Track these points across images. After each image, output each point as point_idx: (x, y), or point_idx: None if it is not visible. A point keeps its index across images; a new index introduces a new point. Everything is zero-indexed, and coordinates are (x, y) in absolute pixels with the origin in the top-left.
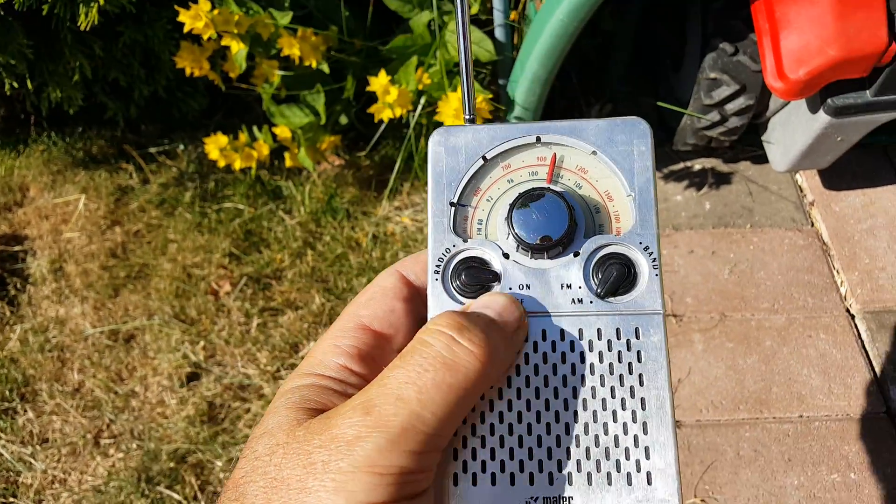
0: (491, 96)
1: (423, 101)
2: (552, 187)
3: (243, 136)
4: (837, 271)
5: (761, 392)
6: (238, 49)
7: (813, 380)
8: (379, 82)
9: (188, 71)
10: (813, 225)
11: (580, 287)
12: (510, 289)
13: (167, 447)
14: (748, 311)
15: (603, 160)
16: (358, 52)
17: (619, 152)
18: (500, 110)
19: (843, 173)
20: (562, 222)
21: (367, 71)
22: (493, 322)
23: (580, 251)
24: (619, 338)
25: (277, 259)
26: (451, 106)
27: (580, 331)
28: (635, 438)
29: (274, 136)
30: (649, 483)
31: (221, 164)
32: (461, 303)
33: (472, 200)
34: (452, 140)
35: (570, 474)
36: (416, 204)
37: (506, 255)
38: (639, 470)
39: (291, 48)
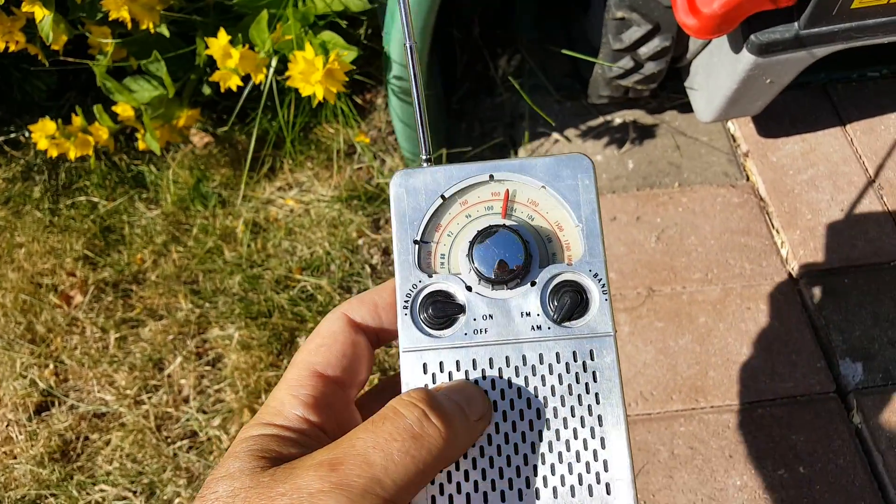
0: (357, 53)
1: (274, 62)
2: (507, 222)
3: (77, 120)
4: (777, 230)
5: (696, 378)
6: (43, 15)
7: (754, 360)
8: (217, 44)
9: (0, 45)
10: (748, 179)
11: (538, 314)
12: (474, 319)
13: (13, 493)
14: (678, 283)
15: (552, 194)
16: (205, 11)
17: (566, 186)
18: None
19: (779, 118)
20: (518, 255)
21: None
22: (460, 409)
23: (536, 280)
24: (575, 360)
25: (138, 259)
26: (299, 67)
27: (540, 355)
28: (595, 453)
29: (115, 115)
30: (608, 493)
31: (53, 153)
32: (430, 335)
33: (434, 236)
34: (412, 181)
35: (537, 490)
36: (302, 183)
37: (468, 288)
38: (599, 482)
39: (119, 10)
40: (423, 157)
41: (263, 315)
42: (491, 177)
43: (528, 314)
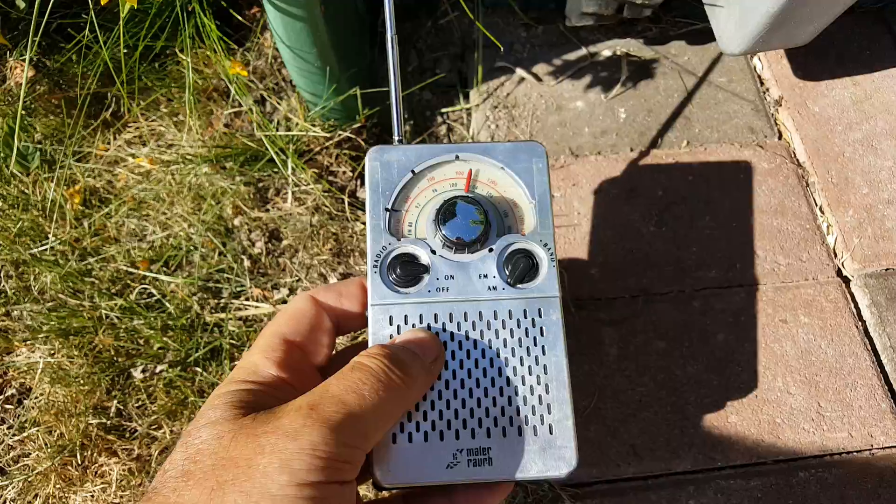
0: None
1: None
2: (470, 196)
3: None
4: (821, 209)
5: (713, 424)
6: None
7: (792, 398)
8: None
9: None
10: (781, 136)
11: (495, 277)
12: (437, 279)
13: None
14: (688, 283)
15: (509, 174)
16: None
17: (522, 168)
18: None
19: (822, 53)
20: (478, 224)
21: None
22: (415, 356)
23: (494, 247)
24: (525, 316)
25: None
26: None
27: (495, 312)
28: (539, 398)
29: None
30: (551, 433)
31: None
32: (398, 291)
33: (404, 206)
34: (385, 157)
35: (488, 429)
36: (161, 135)
37: (433, 251)
38: (542, 423)
39: None
40: (396, 138)
41: (86, 331)
42: (457, 157)
43: (486, 276)
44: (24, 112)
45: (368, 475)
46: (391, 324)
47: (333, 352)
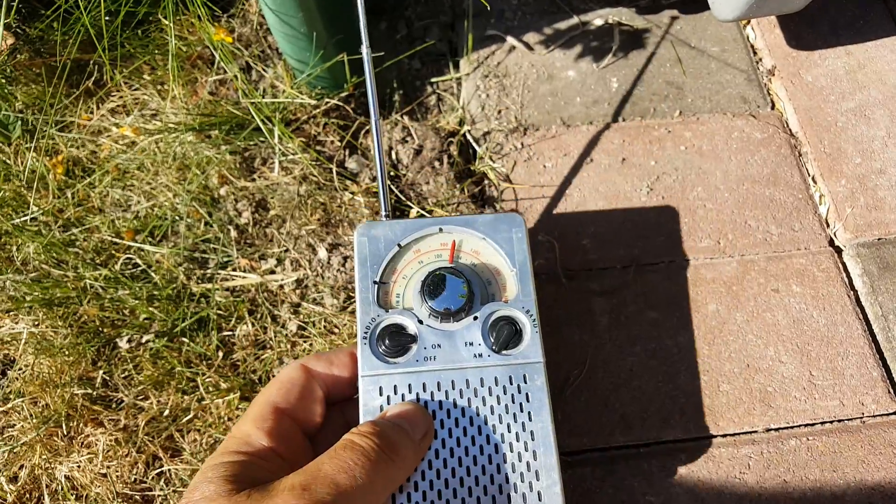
0: None
1: None
2: (454, 267)
3: None
4: (814, 179)
5: (704, 392)
6: None
7: (784, 366)
8: None
9: None
10: (774, 106)
11: (480, 344)
12: (425, 348)
13: None
14: (678, 254)
15: (491, 244)
16: None
17: (503, 238)
18: None
19: (816, 22)
20: (462, 294)
21: None
22: (405, 434)
23: (478, 315)
24: (511, 383)
25: None
26: None
27: (481, 379)
28: (528, 465)
29: None
30: (540, 500)
31: None
32: (386, 362)
33: (392, 278)
34: (373, 232)
35: (478, 498)
36: (145, 104)
37: (420, 321)
38: (531, 490)
39: None
40: (383, 214)
41: (71, 301)
42: (440, 229)
43: (471, 344)
44: (3, 80)
45: None
46: (381, 394)
47: (323, 420)
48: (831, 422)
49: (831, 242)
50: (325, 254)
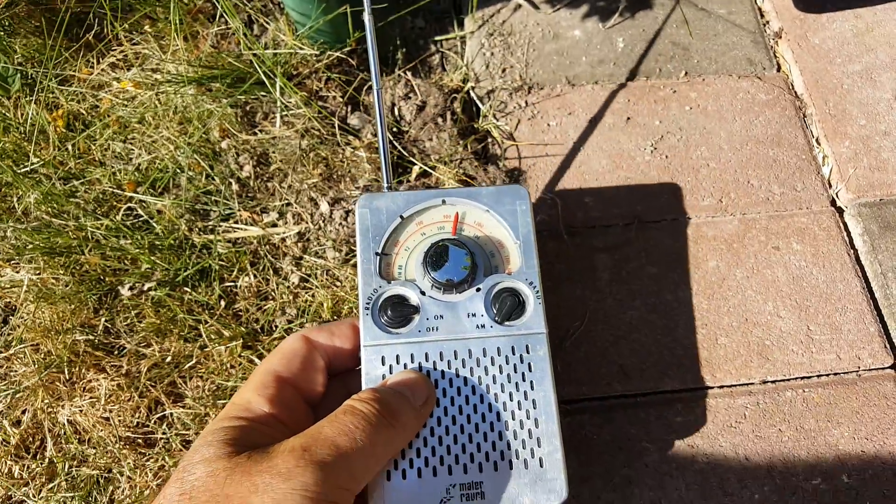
0: None
1: None
2: (457, 238)
3: None
4: (818, 141)
5: (702, 345)
6: None
7: (782, 321)
8: None
9: None
10: (780, 69)
11: (483, 315)
12: (427, 319)
13: None
14: (680, 211)
15: (495, 216)
16: None
17: (507, 210)
18: None
19: None
20: (465, 265)
21: None
22: (405, 400)
23: (481, 287)
24: (514, 353)
25: None
26: None
27: (484, 349)
28: (529, 432)
29: None
30: (541, 466)
31: None
32: (389, 332)
33: (394, 250)
34: (375, 203)
35: (480, 464)
36: (146, 58)
37: (422, 293)
38: (533, 456)
39: None
40: (386, 185)
41: (72, 250)
42: (443, 201)
43: (474, 315)
44: (2, 33)
45: None
46: (383, 364)
47: (325, 390)
48: (827, 375)
49: (833, 202)
50: (327, 207)
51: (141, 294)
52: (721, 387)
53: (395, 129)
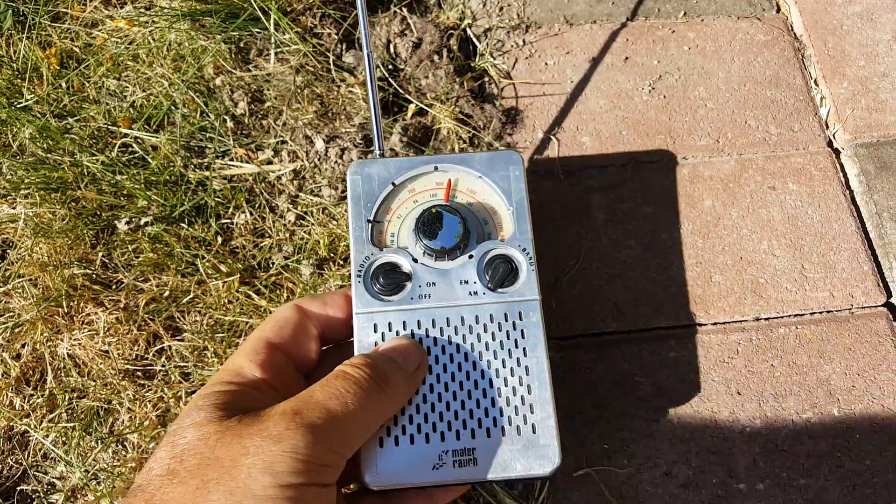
0: None
1: None
2: (449, 204)
3: None
4: (816, 82)
5: (696, 284)
6: None
7: (776, 260)
8: None
9: None
10: (779, 10)
11: (475, 282)
12: (419, 286)
13: None
14: (678, 151)
15: (488, 183)
16: None
17: (500, 177)
18: None
19: None
20: (458, 232)
21: None
22: (397, 366)
23: (474, 254)
24: (506, 320)
25: None
26: None
27: (476, 316)
28: (522, 398)
29: None
30: (534, 432)
31: None
32: (381, 300)
33: (386, 217)
34: (367, 170)
35: (473, 430)
36: None
37: (415, 260)
38: (525, 422)
39: None
40: (377, 152)
41: (68, 186)
42: (436, 168)
43: (467, 282)
44: None
45: (354, 477)
46: (376, 331)
47: (318, 358)
48: (821, 312)
49: (830, 144)
50: (323, 145)
51: (138, 229)
52: (714, 324)
53: (390, 67)
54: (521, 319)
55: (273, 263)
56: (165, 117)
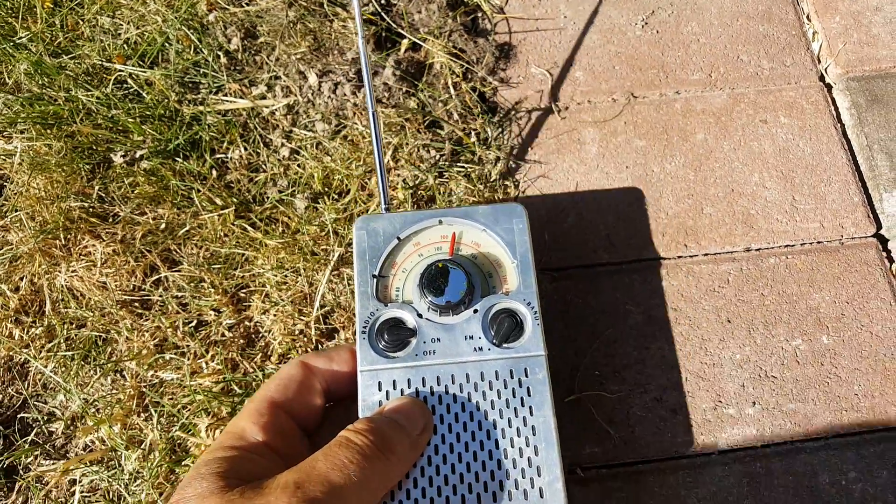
0: None
1: None
2: (454, 259)
3: None
4: (808, 16)
5: (687, 215)
6: None
7: (768, 191)
8: None
9: None
10: None
11: (480, 337)
12: (424, 342)
13: None
14: (670, 86)
15: (491, 235)
16: None
17: (504, 229)
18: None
19: None
20: (462, 287)
21: None
22: (402, 431)
23: (478, 308)
24: (512, 377)
25: None
26: None
27: (482, 373)
28: (529, 460)
29: None
30: (541, 497)
31: None
32: (386, 356)
33: (391, 272)
34: (372, 225)
35: (479, 494)
36: None
37: (419, 315)
38: (532, 486)
39: None
40: (383, 207)
41: (63, 121)
42: (440, 221)
43: (471, 337)
44: None
45: None
46: (380, 389)
47: (322, 416)
48: (811, 243)
49: (822, 78)
50: (316, 80)
51: (133, 163)
52: (706, 254)
53: (383, 1)
54: (526, 376)
55: (268, 197)
56: (159, 54)
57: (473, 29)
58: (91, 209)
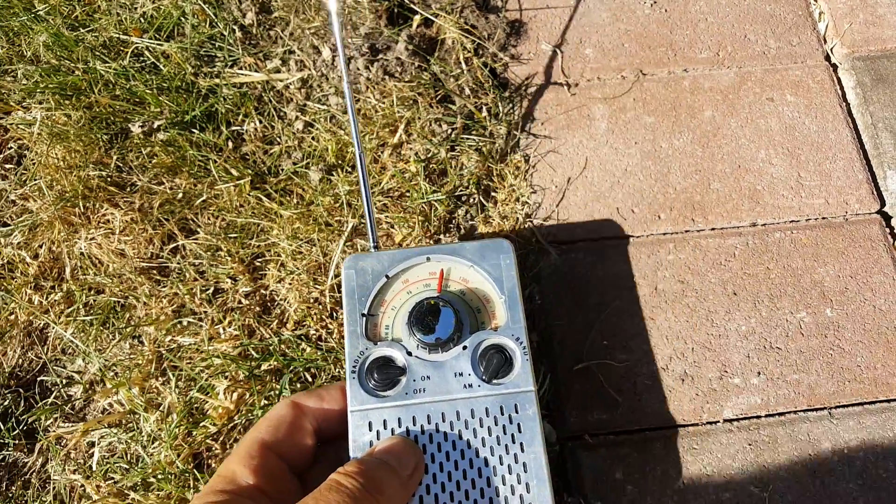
0: None
1: None
2: (442, 296)
3: None
4: None
5: (695, 190)
6: None
7: (774, 168)
8: None
9: None
10: None
11: (470, 374)
12: (414, 380)
13: None
14: (679, 64)
15: (479, 271)
16: None
17: (491, 265)
18: None
19: None
20: (451, 324)
21: None
22: (392, 472)
23: (467, 345)
24: (502, 413)
25: None
26: None
27: (472, 410)
28: (521, 498)
29: None
30: None
31: None
32: (376, 395)
33: (380, 310)
34: (361, 264)
35: None
36: None
37: (409, 353)
38: None
39: None
40: (371, 245)
41: (82, 92)
42: (428, 258)
43: (461, 374)
44: None
45: None
46: (371, 429)
47: (314, 456)
48: (816, 218)
49: (828, 57)
50: (329, 54)
51: (151, 133)
52: (712, 229)
53: None
54: (517, 412)
55: (283, 169)
56: (175, 28)
57: (485, 5)
58: (109, 178)
